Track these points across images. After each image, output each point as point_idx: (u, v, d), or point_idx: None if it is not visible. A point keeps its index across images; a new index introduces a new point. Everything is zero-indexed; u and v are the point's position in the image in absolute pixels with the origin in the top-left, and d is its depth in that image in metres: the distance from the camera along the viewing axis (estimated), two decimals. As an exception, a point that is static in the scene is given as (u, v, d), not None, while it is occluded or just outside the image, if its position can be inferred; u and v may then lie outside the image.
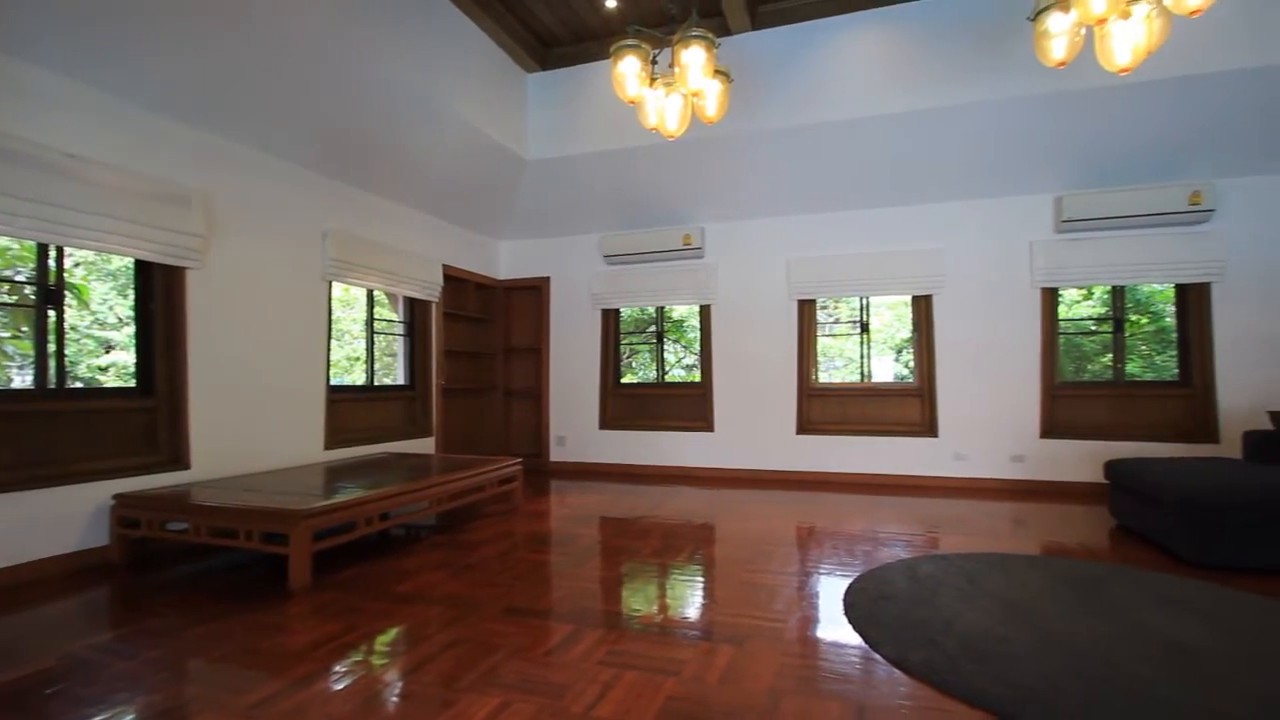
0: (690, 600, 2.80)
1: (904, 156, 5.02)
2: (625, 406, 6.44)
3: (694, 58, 3.35)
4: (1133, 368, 5.25)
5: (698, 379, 6.29)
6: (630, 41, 3.47)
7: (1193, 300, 4.90)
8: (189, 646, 2.28)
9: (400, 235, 5.26)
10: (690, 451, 6.07)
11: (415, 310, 5.59)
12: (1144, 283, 5.05)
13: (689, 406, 6.20)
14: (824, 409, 5.80)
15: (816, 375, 5.92)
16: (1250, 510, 3.04)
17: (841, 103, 4.79)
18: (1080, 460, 5.01)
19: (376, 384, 5.28)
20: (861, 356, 5.86)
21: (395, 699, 1.92)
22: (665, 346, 6.59)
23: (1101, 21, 2.83)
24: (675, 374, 6.67)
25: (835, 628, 2.43)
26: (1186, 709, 1.77)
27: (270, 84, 3.70)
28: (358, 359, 5.47)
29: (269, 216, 4.12)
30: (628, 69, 3.49)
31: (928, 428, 5.45)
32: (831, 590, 2.83)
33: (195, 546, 3.49)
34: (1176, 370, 5.07)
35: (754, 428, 5.87)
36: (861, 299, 5.79)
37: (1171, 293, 5.12)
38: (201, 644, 2.29)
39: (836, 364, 6.09)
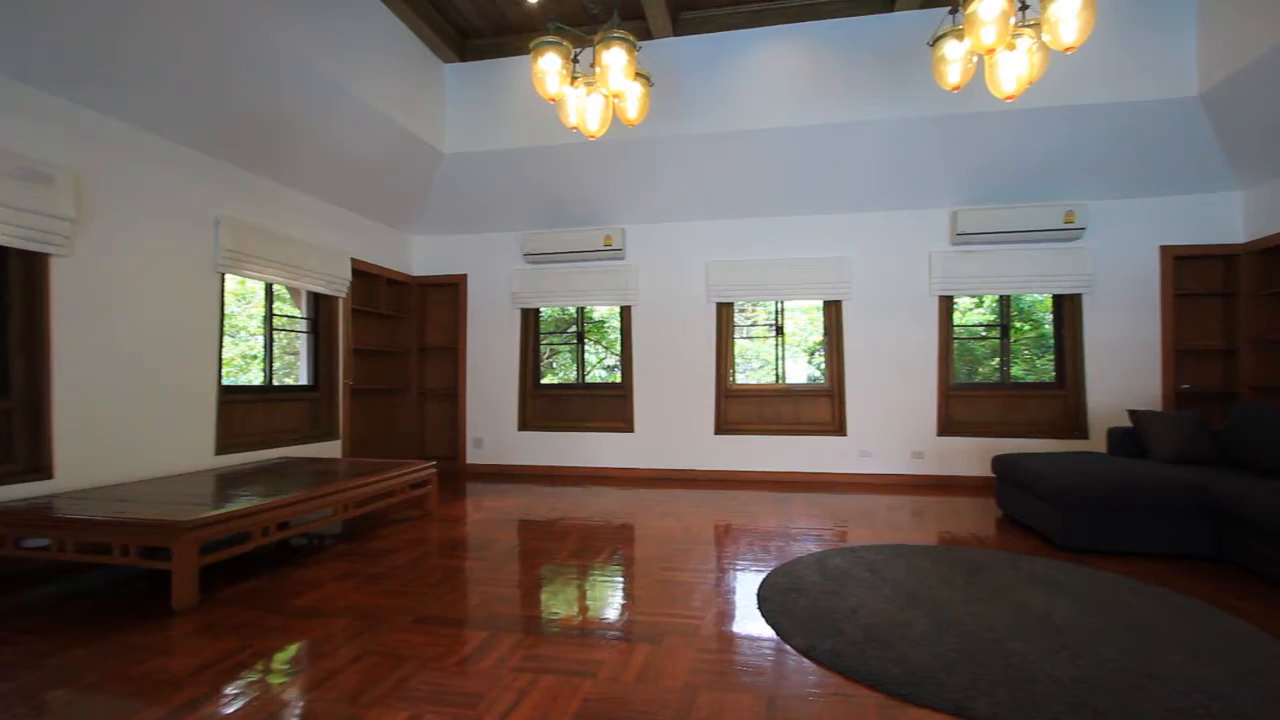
0: (608, 601, 2.80)
1: (816, 167, 5.24)
2: (545, 407, 6.36)
3: (615, 59, 3.35)
4: (1017, 371, 5.72)
5: (619, 380, 6.30)
6: (551, 38, 3.43)
7: (1067, 310, 5.41)
8: (49, 676, 2.04)
9: (305, 226, 4.95)
10: (610, 452, 6.07)
11: (320, 306, 5.28)
12: (1026, 293, 5.51)
13: (610, 407, 6.20)
14: (741, 409, 5.96)
15: (734, 376, 6.07)
16: (1112, 500, 3.39)
17: (758, 112, 4.94)
18: (972, 456, 5.41)
19: (276, 384, 4.94)
20: (777, 359, 6.06)
21: (294, 719, 1.80)
22: (586, 347, 6.56)
23: (990, 51, 3.07)
24: (596, 375, 6.65)
25: (749, 621, 2.50)
26: (1055, 678, 1.94)
27: (157, 56, 3.39)
28: (255, 357, 5.08)
29: (153, 201, 3.77)
30: (548, 66, 3.45)
31: (837, 427, 5.71)
32: (746, 585, 2.91)
33: (60, 565, 3.14)
34: (1054, 373, 5.56)
35: (673, 428, 5.95)
36: (777, 303, 5.99)
37: (1049, 302, 5.62)
38: (65, 673, 2.06)
39: (753, 365, 6.26)
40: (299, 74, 4.00)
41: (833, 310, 5.75)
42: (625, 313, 6.12)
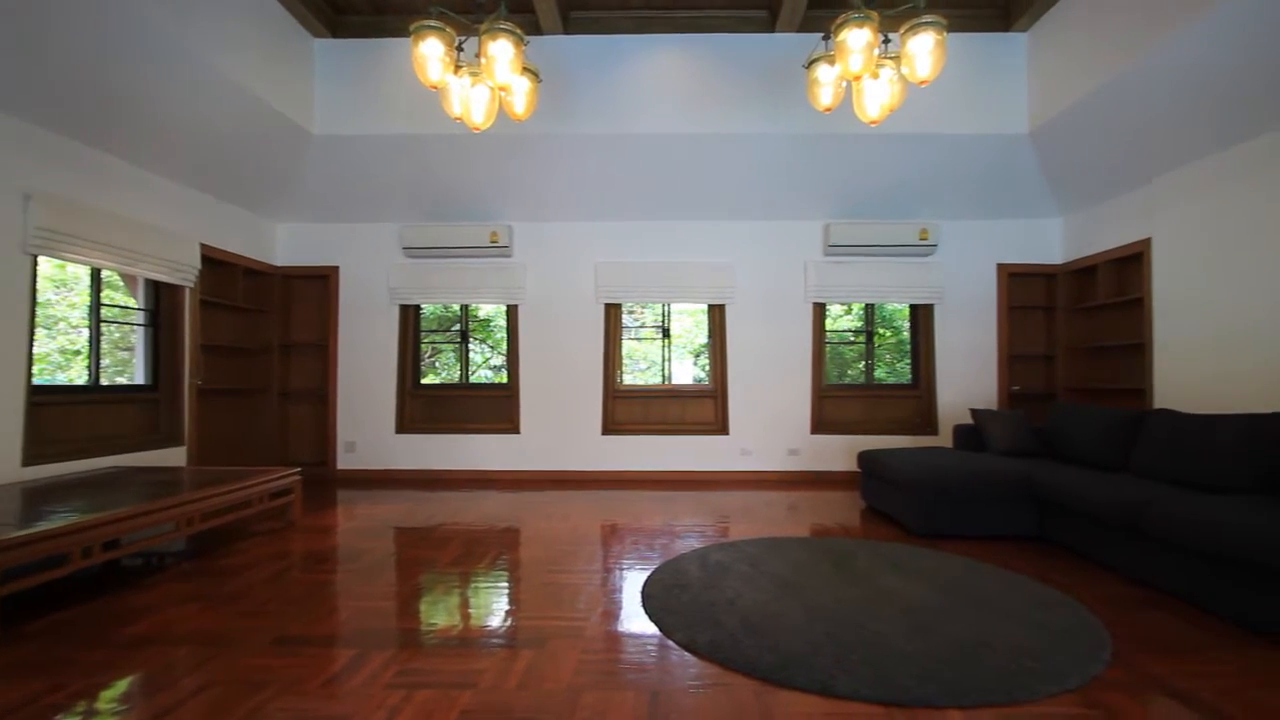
0: (491, 608, 2.71)
1: (701, 174, 5.40)
2: (426, 409, 6.07)
3: (501, 51, 3.27)
4: (880, 373, 6.22)
5: (505, 380, 6.15)
6: (433, 23, 3.28)
7: (922, 318, 5.96)
8: None
9: (144, 206, 4.38)
10: (495, 454, 5.91)
11: (161, 295, 4.70)
12: (888, 302, 6.01)
13: (495, 408, 6.03)
14: (628, 410, 6.01)
15: (621, 377, 6.12)
16: (957, 491, 3.76)
17: (645, 117, 5.01)
18: (841, 452, 5.81)
19: (105, 384, 4.33)
20: (663, 360, 6.18)
21: (116, 766, 1.57)
22: (471, 346, 6.34)
23: (857, 78, 3.32)
24: (482, 375, 6.44)
25: (633, 619, 2.51)
26: (908, 654, 2.12)
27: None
28: (78, 353, 4.41)
29: (-60, 166, 3.18)
30: (430, 51, 3.30)
31: (720, 426, 5.92)
32: (631, 583, 2.93)
33: None
34: (910, 375, 6.11)
35: (560, 429, 5.89)
36: (664, 305, 6.11)
37: (907, 311, 6.16)
38: None
39: (640, 366, 6.35)
40: (140, 32, 3.53)
41: (717, 313, 5.96)
42: (512, 311, 5.98)
